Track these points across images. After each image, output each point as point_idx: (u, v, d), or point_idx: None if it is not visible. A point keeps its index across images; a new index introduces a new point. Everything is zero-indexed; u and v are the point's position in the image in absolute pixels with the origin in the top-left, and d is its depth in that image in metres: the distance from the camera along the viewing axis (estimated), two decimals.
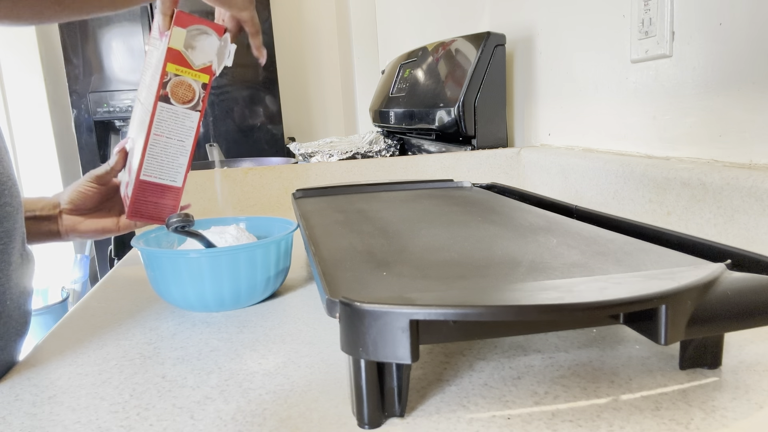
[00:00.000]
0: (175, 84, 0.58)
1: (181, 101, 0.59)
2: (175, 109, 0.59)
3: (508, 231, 0.53)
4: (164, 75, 0.57)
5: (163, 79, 0.58)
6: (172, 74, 0.58)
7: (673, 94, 0.76)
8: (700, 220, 0.66)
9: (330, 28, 3.28)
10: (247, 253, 0.55)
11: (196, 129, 0.61)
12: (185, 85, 0.59)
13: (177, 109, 0.59)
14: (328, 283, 0.39)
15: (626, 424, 0.33)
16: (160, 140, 0.59)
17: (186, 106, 0.59)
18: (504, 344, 0.45)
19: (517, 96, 1.22)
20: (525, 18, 1.15)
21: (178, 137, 0.60)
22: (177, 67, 0.58)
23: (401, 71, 1.56)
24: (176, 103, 0.59)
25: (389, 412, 0.35)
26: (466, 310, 0.31)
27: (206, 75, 0.60)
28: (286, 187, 1.06)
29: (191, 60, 0.59)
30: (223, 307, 0.56)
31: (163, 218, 0.62)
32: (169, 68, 0.58)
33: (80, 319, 0.57)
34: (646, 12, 0.78)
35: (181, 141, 0.60)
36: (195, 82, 0.59)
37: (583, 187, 0.89)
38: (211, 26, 0.60)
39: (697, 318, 0.34)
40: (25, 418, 0.38)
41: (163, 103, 0.58)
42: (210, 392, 0.40)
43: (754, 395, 0.36)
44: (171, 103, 0.58)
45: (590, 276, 0.39)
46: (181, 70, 0.58)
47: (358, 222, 0.59)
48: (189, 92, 0.59)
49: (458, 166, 1.10)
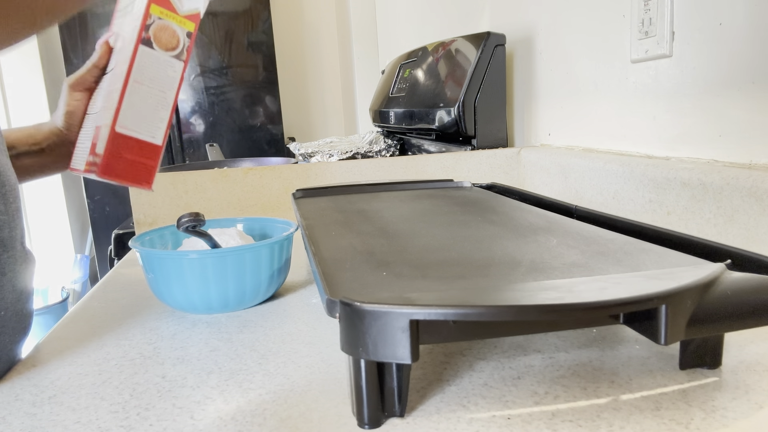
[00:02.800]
0: (158, 28, 0.54)
1: (165, 47, 0.54)
2: (157, 55, 0.54)
3: (508, 231, 0.53)
4: (147, 17, 0.53)
5: (146, 21, 0.53)
6: (155, 17, 0.53)
7: (673, 94, 0.76)
8: (700, 220, 0.66)
9: (330, 28, 3.28)
10: (252, 253, 0.55)
11: (179, 81, 0.56)
12: (170, 31, 0.54)
13: (159, 56, 0.54)
14: (328, 283, 0.39)
15: (626, 424, 0.33)
16: (140, 89, 0.54)
17: (170, 53, 0.55)
18: (504, 344, 0.45)
19: (517, 96, 1.22)
20: (525, 18, 1.15)
21: (159, 87, 0.55)
22: (161, 9, 0.54)
23: (401, 71, 1.56)
24: (159, 49, 0.54)
25: (389, 412, 0.35)
26: (466, 310, 0.31)
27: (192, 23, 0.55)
28: (286, 187, 1.06)
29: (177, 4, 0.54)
30: (226, 309, 0.56)
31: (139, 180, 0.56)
32: (153, 10, 0.53)
33: (80, 319, 0.57)
34: (646, 12, 0.78)
35: (162, 92, 0.55)
36: (180, 29, 0.55)
37: (583, 187, 0.89)
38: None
39: (697, 318, 0.34)
40: (25, 418, 0.38)
41: (145, 47, 0.53)
42: (210, 392, 0.40)
43: (754, 395, 0.36)
44: (153, 47, 0.54)
45: (590, 276, 0.39)
46: (166, 14, 0.54)
47: (358, 222, 0.59)
48: (173, 39, 0.55)
49: (458, 166, 1.09)
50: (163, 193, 1.02)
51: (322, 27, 3.29)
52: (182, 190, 1.02)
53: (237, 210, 1.04)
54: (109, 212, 2.74)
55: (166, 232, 0.64)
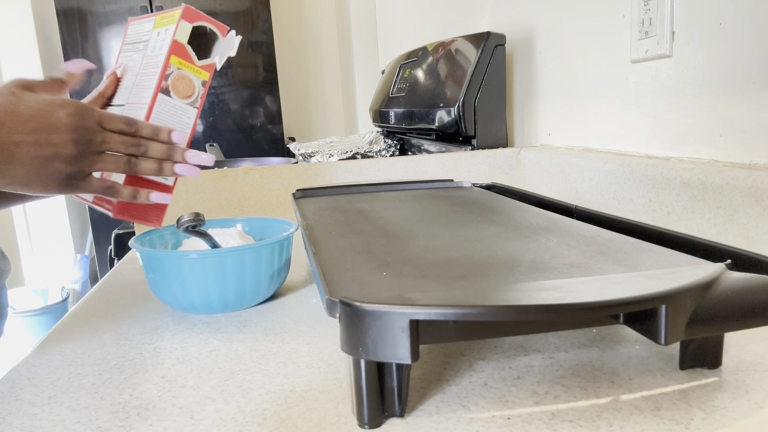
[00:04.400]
0: (176, 78, 0.57)
1: (181, 96, 0.57)
2: (174, 103, 0.57)
3: (508, 231, 0.53)
4: (167, 67, 0.56)
5: (166, 71, 0.56)
6: (174, 67, 0.57)
7: (673, 94, 0.76)
8: (700, 220, 0.66)
9: (330, 28, 3.28)
10: (252, 253, 0.55)
11: (193, 126, 0.59)
12: (186, 80, 0.57)
13: (176, 103, 0.57)
14: (328, 283, 0.39)
15: (626, 424, 0.33)
16: None
17: (185, 101, 0.58)
18: (504, 344, 0.45)
19: (517, 96, 1.22)
20: (525, 18, 1.15)
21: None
22: (180, 60, 0.57)
23: (401, 71, 1.56)
24: (176, 97, 0.57)
25: (389, 412, 0.35)
26: (466, 310, 0.31)
27: (207, 72, 0.59)
28: (286, 187, 1.06)
29: (194, 55, 0.58)
30: (226, 309, 0.56)
31: (150, 219, 0.59)
32: (172, 61, 0.56)
33: (80, 319, 0.57)
34: (646, 12, 0.78)
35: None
36: (196, 78, 0.58)
37: (583, 187, 0.89)
38: (215, 25, 0.59)
39: (697, 318, 0.34)
40: (25, 418, 0.38)
41: (164, 95, 0.56)
42: (210, 392, 0.40)
43: (754, 395, 0.36)
44: (171, 96, 0.57)
45: (590, 276, 0.39)
46: (184, 65, 0.57)
47: (358, 222, 0.59)
48: (189, 87, 0.58)
49: (458, 166, 1.10)
50: None
51: (322, 27, 3.29)
52: (182, 190, 1.02)
53: (237, 210, 1.04)
54: None
55: (166, 232, 0.64)
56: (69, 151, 0.48)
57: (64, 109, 0.48)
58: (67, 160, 0.48)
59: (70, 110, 0.48)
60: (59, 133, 0.48)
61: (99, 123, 0.50)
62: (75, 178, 0.50)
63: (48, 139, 0.47)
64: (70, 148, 0.48)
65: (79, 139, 0.49)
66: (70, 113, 0.48)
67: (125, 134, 0.52)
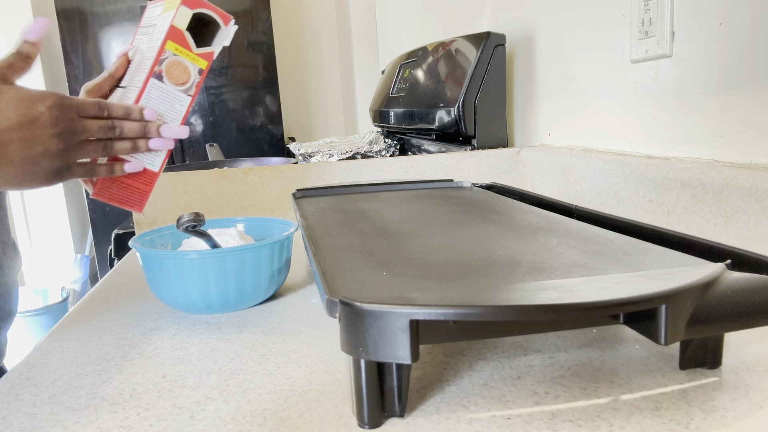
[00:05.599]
0: (171, 63, 0.56)
1: (175, 82, 0.56)
2: (166, 89, 0.56)
3: (508, 231, 0.53)
4: (162, 52, 0.55)
5: (160, 56, 0.55)
6: (170, 53, 0.55)
7: (673, 94, 0.76)
8: (700, 220, 0.66)
9: (330, 28, 3.28)
10: (252, 253, 0.55)
11: (185, 114, 0.58)
12: (182, 67, 0.56)
13: (168, 89, 0.56)
14: (328, 283, 0.39)
15: (626, 424, 0.33)
16: None
17: (179, 87, 0.57)
18: (504, 344, 0.45)
19: (517, 96, 1.22)
20: (525, 18, 1.15)
21: (164, 119, 0.57)
22: (176, 46, 0.56)
23: (401, 71, 1.56)
24: (169, 83, 0.56)
25: (389, 412, 0.35)
26: (466, 310, 0.31)
27: (205, 60, 0.57)
28: (286, 187, 1.06)
29: (192, 42, 0.56)
30: (226, 309, 0.56)
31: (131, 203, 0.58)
32: (168, 46, 0.55)
33: (80, 319, 0.57)
34: (646, 12, 0.78)
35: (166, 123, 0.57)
36: (192, 66, 0.57)
37: (583, 187, 0.89)
38: (218, 13, 0.58)
39: (697, 318, 0.34)
40: (25, 418, 0.38)
41: (155, 80, 0.55)
42: (210, 392, 0.40)
43: (754, 395, 0.36)
44: (163, 81, 0.56)
45: (590, 276, 0.39)
46: (180, 51, 0.56)
47: (358, 222, 0.59)
48: (184, 74, 0.56)
49: (458, 166, 1.10)
50: (163, 193, 1.02)
51: (322, 27, 3.29)
52: (182, 190, 1.02)
53: (237, 210, 1.04)
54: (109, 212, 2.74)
55: (166, 232, 0.64)
56: (55, 147, 0.49)
57: (43, 102, 0.49)
58: (53, 155, 0.49)
59: (49, 102, 0.49)
60: (43, 128, 0.48)
61: (77, 112, 0.51)
62: (62, 170, 0.51)
63: (33, 135, 0.48)
64: (56, 143, 0.49)
65: (62, 133, 0.49)
66: (50, 105, 0.49)
67: (100, 118, 0.53)
